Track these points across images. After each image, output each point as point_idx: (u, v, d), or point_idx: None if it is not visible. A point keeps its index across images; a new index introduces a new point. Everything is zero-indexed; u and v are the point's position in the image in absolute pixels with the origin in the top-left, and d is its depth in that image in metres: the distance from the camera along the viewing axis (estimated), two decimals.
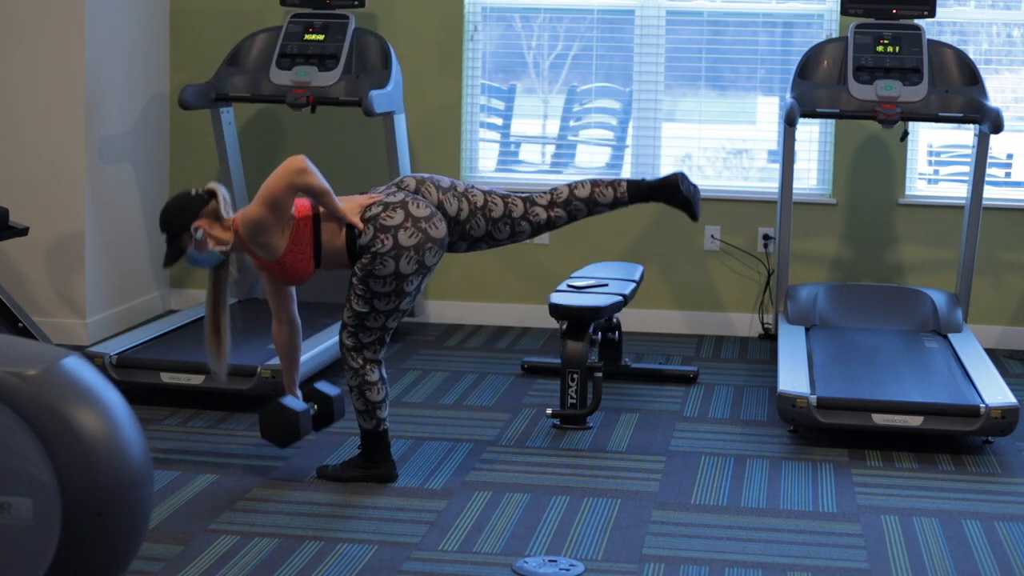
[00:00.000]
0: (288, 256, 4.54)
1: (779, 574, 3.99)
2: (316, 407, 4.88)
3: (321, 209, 4.57)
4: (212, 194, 4.62)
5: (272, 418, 4.72)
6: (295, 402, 4.75)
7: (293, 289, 4.79)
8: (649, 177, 4.93)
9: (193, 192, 4.62)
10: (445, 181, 4.71)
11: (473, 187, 4.74)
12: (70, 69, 6.54)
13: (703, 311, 7.21)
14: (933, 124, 6.84)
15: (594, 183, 4.77)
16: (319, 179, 4.51)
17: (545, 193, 4.77)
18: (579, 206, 4.76)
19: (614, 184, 4.77)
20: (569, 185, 4.78)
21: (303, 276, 4.61)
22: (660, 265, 7.19)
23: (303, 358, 5.63)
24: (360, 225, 4.52)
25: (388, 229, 4.50)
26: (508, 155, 7.49)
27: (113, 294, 6.90)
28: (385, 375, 4.69)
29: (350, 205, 4.58)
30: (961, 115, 6.30)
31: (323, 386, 4.94)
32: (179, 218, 4.56)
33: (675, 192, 4.78)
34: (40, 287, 6.65)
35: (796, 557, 4.13)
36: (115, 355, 5.63)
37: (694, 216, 4.85)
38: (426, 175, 4.73)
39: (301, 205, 4.59)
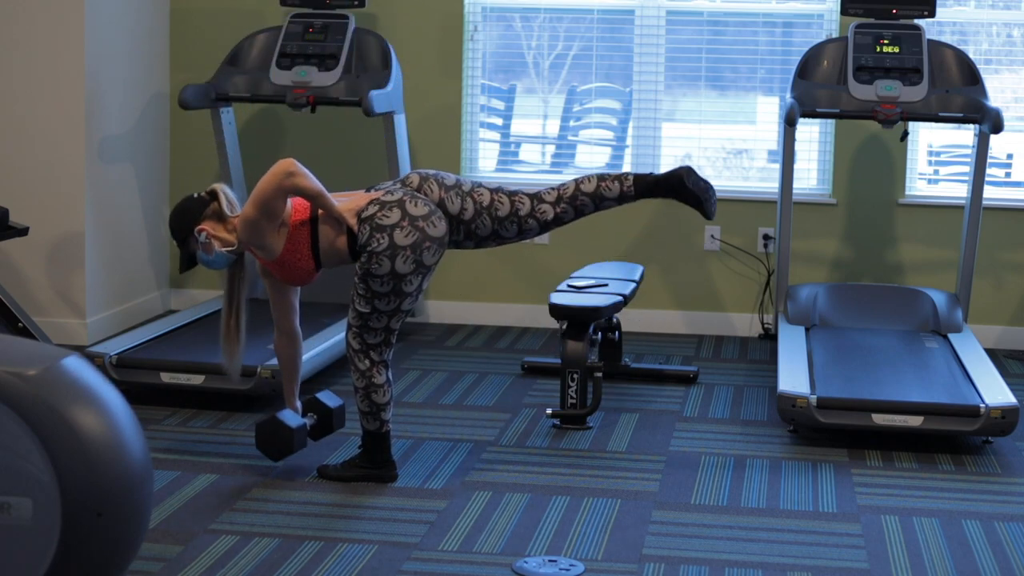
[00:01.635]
0: (286, 255, 4.54)
1: (779, 574, 3.99)
2: (315, 417, 4.88)
3: (320, 210, 4.57)
4: (214, 195, 4.62)
5: (268, 431, 4.72)
6: (292, 417, 4.75)
7: (296, 300, 4.79)
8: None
9: (196, 195, 4.63)
10: (450, 179, 4.69)
11: (480, 185, 4.71)
12: (70, 69, 6.54)
13: (703, 311, 7.21)
14: (933, 124, 6.84)
15: (600, 177, 4.72)
16: (310, 181, 4.49)
17: (552, 190, 4.74)
18: (585, 201, 4.71)
19: (620, 178, 4.72)
20: (576, 180, 4.74)
21: (304, 276, 4.61)
22: (660, 265, 7.19)
23: (304, 357, 5.64)
24: (352, 222, 4.52)
25: (384, 228, 4.49)
26: (508, 155, 7.49)
27: (113, 294, 6.90)
28: (391, 377, 4.68)
29: (350, 204, 4.57)
30: (961, 115, 6.30)
31: (324, 396, 4.95)
32: (183, 223, 4.58)
33: (681, 187, 4.68)
34: (40, 287, 6.65)
35: (796, 557, 4.13)
36: (115, 355, 5.63)
37: (707, 214, 4.74)
38: (432, 172, 4.70)
39: (300, 205, 4.59)
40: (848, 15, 6.50)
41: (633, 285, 5.93)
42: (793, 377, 5.42)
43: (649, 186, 4.71)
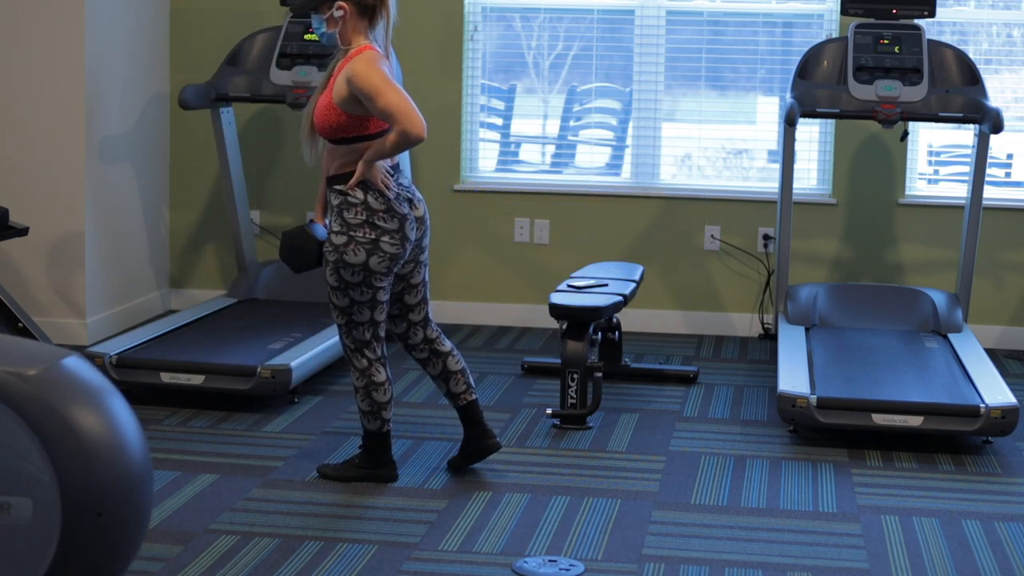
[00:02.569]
0: (336, 115, 4.45)
1: (779, 574, 3.99)
2: None
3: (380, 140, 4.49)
4: (386, 5, 4.52)
5: (294, 241, 4.66)
6: (321, 230, 4.68)
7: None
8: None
9: None
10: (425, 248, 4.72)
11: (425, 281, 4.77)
12: (70, 69, 6.54)
13: (703, 311, 7.21)
14: (933, 124, 6.84)
15: (461, 371, 4.80)
16: (392, 148, 4.40)
17: (436, 336, 4.82)
18: (435, 364, 4.80)
19: (463, 388, 4.80)
20: (450, 356, 4.81)
21: (324, 122, 4.48)
22: (660, 265, 7.19)
23: (304, 357, 5.66)
24: (381, 186, 4.47)
25: (377, 228, 4.49)
26: (508, 155, 7.49)
27: (113, 294, 6.90)
28: (391, 376, 4.68)
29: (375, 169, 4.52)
30: (961, 115, 6.30)
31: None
32: None
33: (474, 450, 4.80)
34: (40, 287, 6.65)
35: (796, 557, 4.13)
36: (115, 355, 5.63)
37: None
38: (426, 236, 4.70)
39: (376, 122, 4.49)
40: (848, 15, 6.50)
41: (633, 285, 5.93)
42: (793, 377, 5.42)
43: (466, 424, 4.81)
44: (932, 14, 6.41)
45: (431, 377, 4.83)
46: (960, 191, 7.05)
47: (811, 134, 7.10)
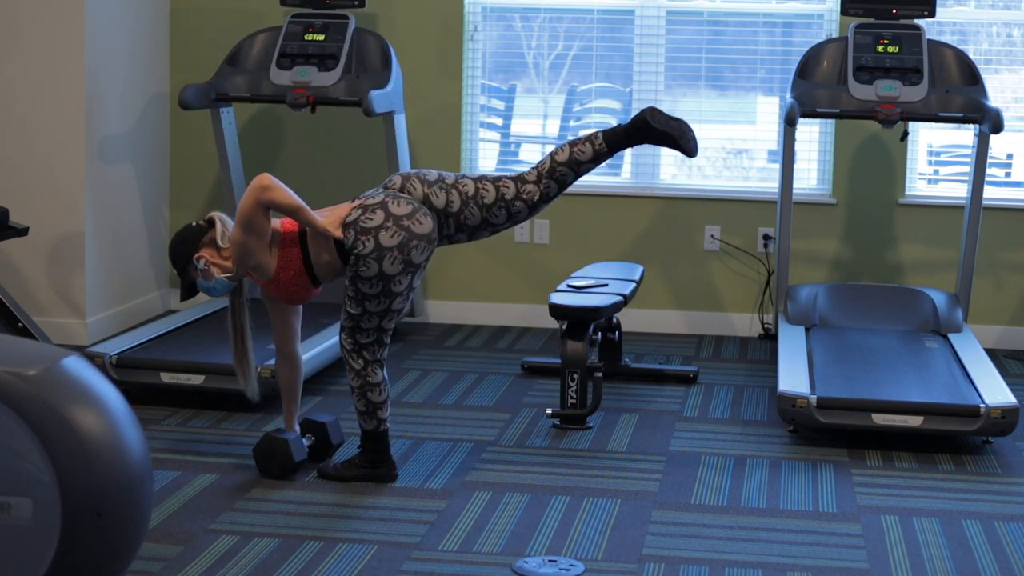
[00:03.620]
0: (281, 273, 4.55)
1: (779, 574, 3.99)
2: (313, 437, 4.89)
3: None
4: (211, 223, 4.64)
5: (265, 450, 4.72)
6: (286, 432, 4.77)
7: (297, 324, 4.80)
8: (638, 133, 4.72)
9: (194, 223, 4.66)
10: (432, 174, 4.66)
11: (464, 176, 4.69)
12: (70, 69, 6.54)
13: (703, 311, 7.21)
14: (933, 124, 6.84)
15: (571, 143, 4.66)
16: (287, 195, 4.45)
17: (532, 170, 4.69)
18: (564, 171, 4.64)
19: (591, 138, 4.65)
20: (550, 154, 4.69)
21: (302, 292, 4.61)
22: (660, 265, 7.19)
23: (305, 357, 5.65)
24: (337, 234, 4.50)
25: (368, 231, 4.49)
26: (508, 155, 7.49)
27: (113, 294, 6.90)
28: (387, 376, 4.68)
29: (333, 216, 4.55)
30: (961, 115, 6.30)
31: (314, 416, 4.96)
32: (182, 251, 4.61)
33: (648, 129, 4.59)
34: (40, 287, 6.65)
35: (796, 557, 4.13)
36: (115, 355, 5.63)
37: (686, 152, 4.62)
38: (413, 171, 4.67)
39: (289, 223, 4.59)
40: (848, 15, 6.50)
41: (633, 285, 5.93)
42: (793, 377, 5.42)
43: (619, 137, 4.64)
44: (932, 14, 6.42)
45: (576, 176, 4.71)
46: (960, 191, 7.05)
47: (811, 134, 7.11)
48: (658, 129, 4.60)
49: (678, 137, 4.61)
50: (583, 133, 4.78)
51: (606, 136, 4.65)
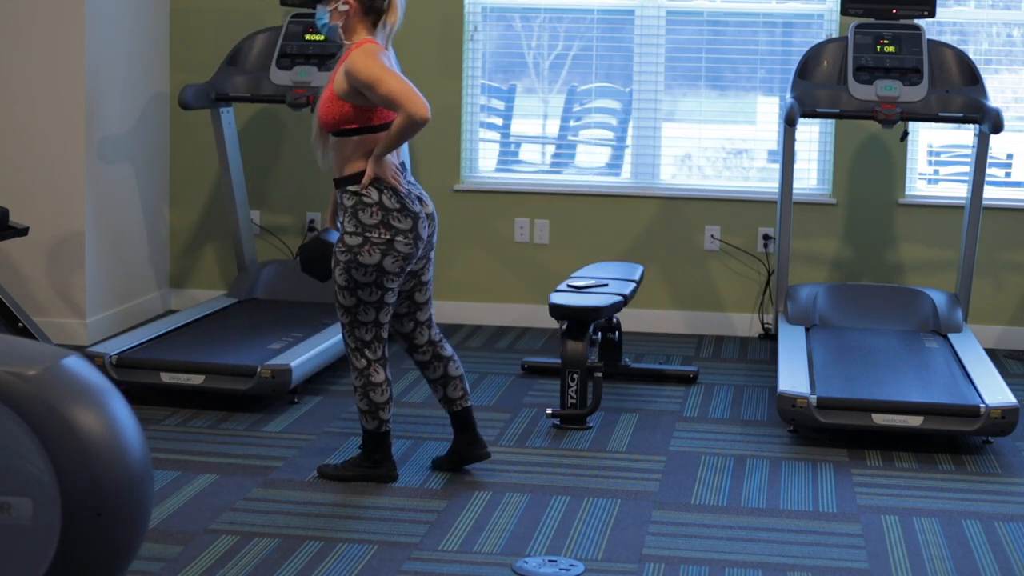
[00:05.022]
0: (339, 106, 4.47)
1: (779, 574, 3.99)
2: None
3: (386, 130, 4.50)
4: (392, 5, 4.55)
5: (314, 253, 4.67)
6: (336, 236, 4.68)
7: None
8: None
9: None
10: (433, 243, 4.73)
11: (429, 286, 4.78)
12: (70, 69, 6.54)
13: (703, 311, 7.21)
14: (933, 124, 6.84)
15: (459, 377, 4.79)
16: (399, 138, 4.41)
17: (439, 339, 4.81)
18: (436, 368, 4.78)
19: (460, 394, 4.79)
20: (451, 361, 4.80)
21: (327, 114, 4.50)
22: (660, 265, 7.19)
23: (304, 357, 5.66)
24: (393, 181, 4.46)
25: (392, 228, 4.49)
26: (508, 155, 7.49)
27: (113, 294, 6.90)
28: (390, 377, 4.68)
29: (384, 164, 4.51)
30: (961, 115, 6.30)
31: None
32: None
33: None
34: (40, 287, 6.65)
35: (796, 557, 4.13)
36: (115, 355, 5.63)
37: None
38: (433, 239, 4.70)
39: (388, 114, 4.50)
40: (848, 15, 6.50)
41: (633, 285, 5.93)
42: (793, 377, 5.42)
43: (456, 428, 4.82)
44: (932, 14, 6.41)
45: (429, 380, 4.81)
46: (960, 191, 7.05)
47: (811, 134, 7.10)
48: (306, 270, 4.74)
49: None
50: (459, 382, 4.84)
51: (455, 416, 4.81)
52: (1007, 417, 5.09)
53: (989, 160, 6.43)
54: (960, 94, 6.34)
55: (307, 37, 6.59)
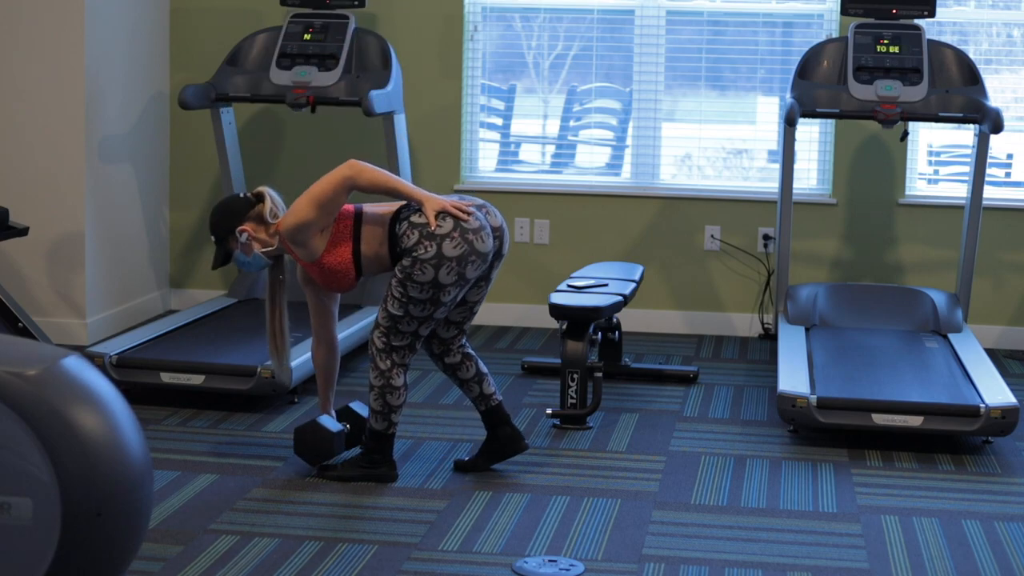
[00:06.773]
0: (327, 257, 4.53)
1: (779, 574, 3.99)
2: (348, 426, 4.89)
3: (364, 211, 4.56)
4: (260, 197, 4.61)
5: (307, 436, 4.74)
6: (331, 422, 4.78)
7: (336, 309, 4.78)
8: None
9: (241, 195, 4.62)
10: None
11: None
12: (70, 69, 6.54)
13: (703, 311, 7.21)
14: (933, 124, 6.84)
15: (487, 373, 4.83)
16: (382, 173, 4.48)
17: (464, 340, 4.84)
18: (468, 367, 4.81)
19: (493, 389, 4.83)
20: (476, 356, 4.85)
21: (342, 281, 4.58)
22: (660, 265, 7.19)
23: (304, 357, 5.65)
24: (431, 215, 4.48)
25: (434, 237, 4.48)
26: (508, 155, 7.49)
27: (113, 294, 6.90)
28: (408, 383, 4.68)
29: (431, 200, 4.54)
30: (961, 115, 6.30)
31: (356, 406, 4.95)
32: (225, 221, 4.58)
33: (505, 447, 4.82)
34: (40, 287, 6.65)
35: (796, 557, 4.13)
36: (115, 355, 5.63)
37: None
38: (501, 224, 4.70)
39: (345, 210, 4.57)
40: (848, 15, 6.50)
41: (633, 285, 5.93)
42: (793, 377, 5.42)
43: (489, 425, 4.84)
44: (932, 14, 6.42)
45: (462, 382, 4.80)
46: (960, 191, 7.05)
47: (811, 134, 7.11)
48: (508, 449, 4.86)
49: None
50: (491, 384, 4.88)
51: (488, 411, 4.84)
52: (1007, 417, 5.09)
53: (989, 160, 6.43)
54: (960, 94, 6.34)
55: (307, 37, 6.59)
